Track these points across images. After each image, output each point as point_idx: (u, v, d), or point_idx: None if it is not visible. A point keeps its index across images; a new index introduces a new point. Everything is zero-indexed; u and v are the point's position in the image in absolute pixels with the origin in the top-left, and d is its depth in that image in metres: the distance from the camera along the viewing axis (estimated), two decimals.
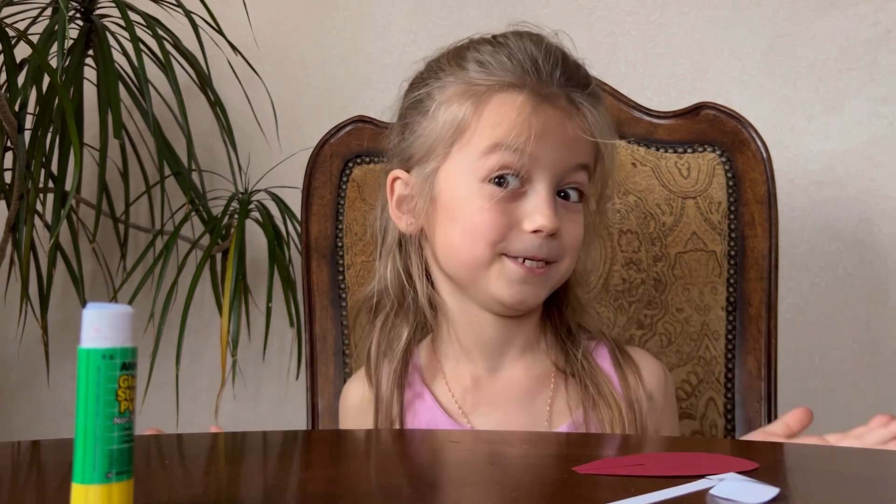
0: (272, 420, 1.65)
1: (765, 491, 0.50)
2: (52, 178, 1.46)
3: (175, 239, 1.47)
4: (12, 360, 1.69)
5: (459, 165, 0.83)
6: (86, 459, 0.43)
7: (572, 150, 0.83)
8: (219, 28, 1.50)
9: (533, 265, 0.82)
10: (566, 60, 0.85)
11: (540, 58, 0.83)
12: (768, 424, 0.78)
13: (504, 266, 0.82)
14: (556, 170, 0.82)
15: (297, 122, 1.63)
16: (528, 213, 0.81)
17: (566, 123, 0.83)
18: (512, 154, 0.80)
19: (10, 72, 1.37)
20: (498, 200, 0.81)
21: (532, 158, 0.80)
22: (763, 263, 1.05)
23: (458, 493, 0.55)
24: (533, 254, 0.81)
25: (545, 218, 0.80)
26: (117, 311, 0.44)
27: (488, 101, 0.82)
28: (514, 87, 0.82)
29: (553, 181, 0.82)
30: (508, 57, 0.83)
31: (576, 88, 0.84)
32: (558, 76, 0.83)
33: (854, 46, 1.43)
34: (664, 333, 1.08)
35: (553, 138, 0.82)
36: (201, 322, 1.65)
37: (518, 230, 0.81)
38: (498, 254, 0.82)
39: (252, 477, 0.59)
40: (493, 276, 0.83)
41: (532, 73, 0.83)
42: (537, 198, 0.81)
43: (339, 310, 1.14)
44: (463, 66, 0.85)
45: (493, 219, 0.81)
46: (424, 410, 0.88)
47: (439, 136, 0.84)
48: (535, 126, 0.80)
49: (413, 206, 0.87)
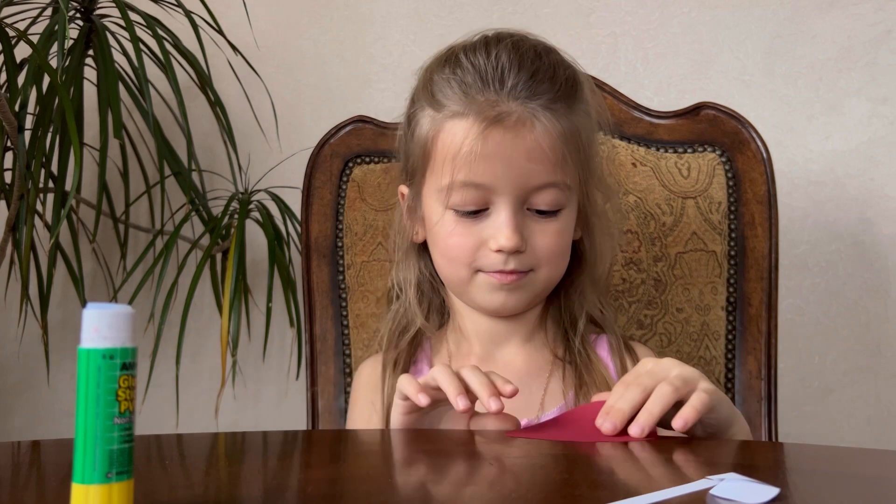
0: (272, 420, 1.65)
1: (765, 491, 0.50)
2: (52, 178, 1.46)
3: (175, 239, 1.47)
4: (12, 360, 1.69)
5: (430, 191, 0.88)
6: (86, 459, 0.43)
7: (530, 171, 0.82)
8: (219, 28, 1.50)
9: (504, 275, 0.86)
10: (522, 66, 0.83)
11: (490, 70, 0.83)
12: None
13: (481, 279, 0.87)
14: (516, 190, 0.83)
15: (297, 122, 1.63)
16: (492, 234, 0.84)
17: (518, 143, 0.81)
18: (466, 189, 0.83)
19: (10, 72, 1.37)
20: (463, 224, 0.85)
21: (486, 186, 0.82)
22: (763, 263, 1.05)
23: (458, 493, 0.55)
24: (500, 269, 0.85)
25: (505, 238, 0.83)
26: (117, 311, 0.44)
27: (440, 132, 0.85)
28: (460, 114, 0.83)
29: (515, 200, 0.83)
30: (459, 82, 0.84)
31: (535, 97, 0.82)
32: (510, 86, 0.82)
33: (854, 46, 1.43)
34: (664, 333, 1.08)
35: (504, 161, 0.82)
36: (201, 322, 1.65)
37: (485, 249, 0.85)
38: (474, 271, 0.87)
39: (252, 477, 0.59)
40: (475, 289, 0.88)
41: (482, 93, 0.82)
42: (499, 219, 0.84)
43: (339, 310, 1.14)
44: (429, 91, 0.87)
45: (461, 242, 0.85)
46: None
47: (416, 159, 0.89)
48: (481, 153, 0.81)
49: (416, 218, 0.93)
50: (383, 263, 1.13)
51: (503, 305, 0.88)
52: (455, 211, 0.85)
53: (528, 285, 0.87)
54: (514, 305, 0.89)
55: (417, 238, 0.94)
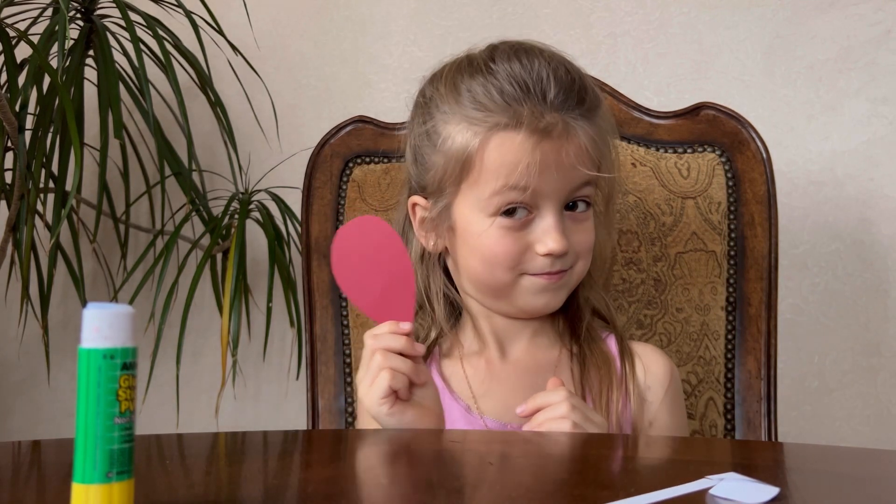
0: (272, 420, 1.65)
1: (765, 491, 0.50)
2: (52, 178, 1.46)
3: (175, 239, 1.47)
4: (12, 360, 1.69)
5: (470, 202, 0.88)
6: (86, 459, 0.43)
7: (573, 174, 0.86)
8: (219, 28, 1.50)
9: (551, 276, 0.88)
10: (558, 77, 0.86)
11: (531, 83, 0.85)
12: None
13: (526, 282, 0.89)
14: (561, 194, 0.86)
15: (297, 122, 1.63)
16: (539, 238, 0.86)
17: (564, 150, 0.85)
18: (516, 193, 0.85)
19: (10, 72, 1.37)
20: (509, 230, 0.86)
21: (537, 191, 0.85)
22: (763, 263, 1.05)
23: (459, 494, 0.55)
24: (548, 271, 0.88)
25: (555, 242, 0.85)
26: (118, 311, 0.44)
27: (488, 142, 0.85)
28: (510, 126, 0.84)
29: (559, 205, 0.87)
30: (500, 91, 0.85)
31: (572, 108, 0.85)
32: (552, 99, 0.85)
33: (854, 46, 1.43)
34: (664, 333, 1.08)
35: (553, 169, 0.85)
36: (201, 322, 1.65)
37: (531, 253, 0.87)
38: (518, 274, 0.88)
39: (252, 477, 0.59)
40: (518, 293, 0.89)
41: (525, 103, 0.84)
42: (545, 223, 0.86)
43: (339, 310, 1.14)
44: (459, 101, 0.87)
45: (507, 248, 0.87)
46: None
47: (448, 172, 0.88)
48: (535, 164, 0.84)
49: (435, 228, 0.92)
50: None
51: (547, 305, 0.90)
52: (501, 218, 0.86)
53: (568, 282, 0.90)
54: (556, 304, 0.91)
55: (436, 248, 0.94)
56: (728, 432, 1.05)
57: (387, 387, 0.77)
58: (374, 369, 0.78)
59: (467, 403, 0.92)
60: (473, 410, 0.91)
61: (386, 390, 0.77)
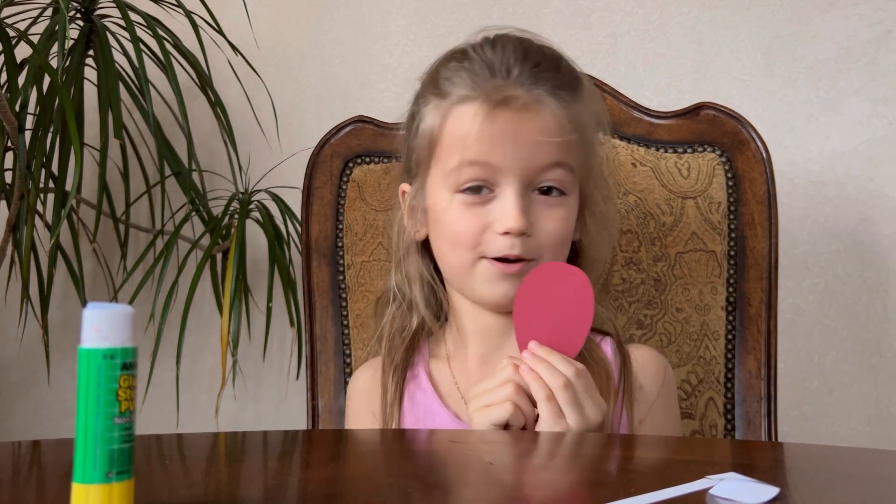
0: (272, 420, 1.65)
1: (765, 491, 0.50)
2: (52, 178, 1.46)
3: (175, 239, 1.47)
4: (12, 360, 1.69)
5: (437, 180, 0.88)
6: (86, 459, 0.43)
7: (537, 150, 0.84)
8: (219, 28, 1.50)
9: (508, 264, 0.85)
10: (529, 56, 0.86)
11: (497, 61, 0.85)
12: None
13: (482, 267, 0.86)
14: (523, 171, 0.84)
15: (297, 122, 1.63)
16: (498, 217, 0.84)
17: (525, 123, 0.83)
18: (476, 168, 0.84)
19: (10, 72, 1.37)
20: (470, 207, 0.85)
21: (494, 165, 0.84)
22: (763, 263, 1.05)
23: (458, 493, 0.55)
24: (506, 254, 0.84)
25: (512, 220, 0.83)
26: (118, 311, 0.44)
27: (448, 117, 0.86)
28: (469, 98, 0.85)
29: (521, 182, 0.84)
30: (468, 69, 0.86)
31: (541, 85, 0.84)
32: (517, 75, 0.84)
33: (854, 46, 1.43)
34: (664, 333, 1.08)
35: (512, 143, 0.83)
36: (201, 322, 1.65)
37: (491, 232, 0.85)
38: (478, 257, 0.86)
39: (252, 477, 0.59)
40: (476, 278, 0.87)
41: (489, 79, 0.85)
42: (506, 201, 0.84)
43: (339, 310, 1.14)
44: (436, 84, 0.88)
45: (467, 225, 0.85)
46: (423, 398, 0.92)
47: (420, 152, 0.89)
48: (489, 133, 0.83)
49: (416, 214, 0.92)
50: (383, 263, 1.13)
51: (504, 296, 0.86)
52: (463, 195, 0.85)
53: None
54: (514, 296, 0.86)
55: (419, 235, 0.93)
56: (728, 432, 1.05)
57: (505, 420, 0.77)
58: (500, 395, 0.78)
59: (455, 410, 0.90)
60: (464, 417, 0.88)
61: (502, 422, 0.77)
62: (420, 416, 0.91)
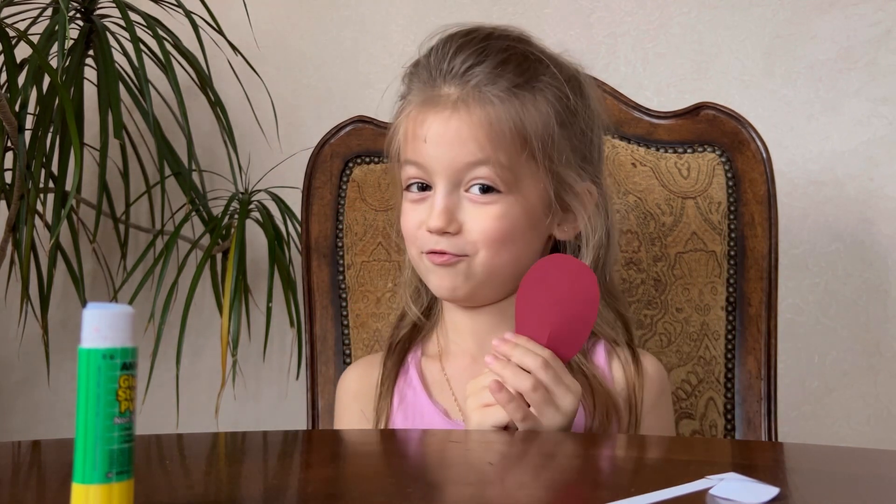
0: (272, 420, 1.65)
1: (765, 491, 0.50)
2: (52, 178, 1.46)
3: (175, 239, 1.47)
4: (12, 360, 1.69)
5: (396, 179, 0.92)
6: (86, 459, 0.43)
7: (460, 149, 0.84)
8: (219, 28, 1.50)
9: (435, 255, 0.87)
10: (464, 50, 0.87)
11: (435, 63, 0.88)
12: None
13: (426, 261, 0.88)
14: (449, 170, 0.85)
15: (297, 122, 1.63)
16: (428, 213, 0.87)
17: (450, 122, 0.85)
18: (413, 168, 0.87)
19: (10, 72, 1.37)
20: (411, 203, 0.89)
21: (423, 165, 0.87)
22: (763, 263, 1.05)
23: (458, 493, 0.55)
24: (431, 248, 0.86)
25: (433, 219, 0.85)
26: (117, 311, 0.44)
27: (399, 118, 0.91)
28: (411, 102, 0.89)
29: (448, 181, 0.86)
30: (415, 74, 0.91)
31: (470, 78, 0.85)
32: (447, 73, 0.87)
33: (854, 46, 1.43)
34: (664, 333, 1.08)
35: (438, 141, 0.85)
36: (201, 322, 1.64)
37: (424, 228, 0.87)
38: (420, 252, 0.88)
39: (252, 477, 0.59)
40: (423, 272, 0.90)
41: (427, 80, 0.88)
42: (434, 199, 0.86)
43: (339, 310, 1.14)
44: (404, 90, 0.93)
45: (409, 221, 0.89)
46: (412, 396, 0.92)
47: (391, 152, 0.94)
48: (420, 134, 0.86)
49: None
50: (383, 263, 1.13)
51: (439, 287, 0.88)
52: (407, 192, 0.89)
53: (461, 270, 0.86)
54: (451, 288, 0.87)
55: None
56: (728, 432, 1.05)
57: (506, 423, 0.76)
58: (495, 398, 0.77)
59: (445, 407, 0.89)
60: (454, 415, 0.88)
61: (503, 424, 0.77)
62: (409, 415, 0.90)
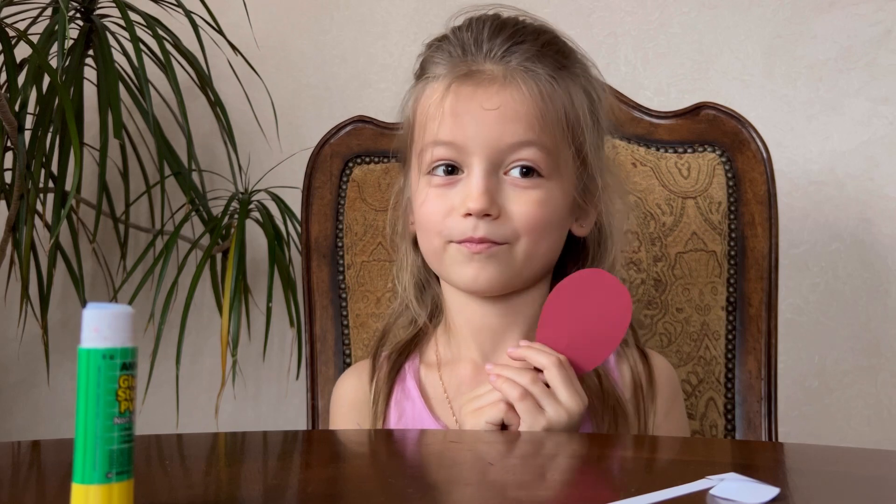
0: (272, 420, 1.65)
1: (765, 491, 0.50)
2: (52, 178, 1.46)
3: (175, 239, 1.47)
4: (12, 360, 1.68)
5: (414, 165, 0.86)
6: (86, 459, 0.43)
7: (505, 127, 0.79)
8: (219, 28, 1.50)
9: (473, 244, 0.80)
10: (504, 30, 0.81)
11: (471, 38, 0.82)
12: None
13: (452, 250, 0.82)
14: (490, 150, 0.79)
15: (297, 122, 1.63)
16: (462, 198, 0.80)
17: (491, 99, 0.79)
18: (442, 148, 0.81)
19: (10, 72, 1.37)
20: (436, 189, 0.82)
21: (458, 145, 0.80)
22: (763, 263, 1.05)
23: (458, 493, 0.55)
24: (468, 236, 0.80)
25: (472, 200, 0.79)
26: (117, 311, 0.44)
27: (419, 98, 0.84)
28: (438, 77, 0.82)
29: (488, 161, 0.80)
30: (444, 49, 0.84)
31: (517, 60, 0.80)
32: (487, 50, 0.81)
33: (854, 46, 1.43)
34: (664, 333, 1.08)
35: (474, 118, 0.79)
36: (201, 322, 1.65)
37: (456, 215, 0.81)
38: (446, 241, 0.82)
39: (252, 477, 0.59)
40: (448, 264, 0.83)
41: (461, 57, 0.82)
42: (470, 182, 0.80)
43: (339, 310, 1.14)
44: (421, 69, 0.87)
45: (433, 208, 0.82)
46: (411, 408, 0.88)
47: (402, 139, 0.88)
48: (451, 110, 0.80)
49: (407, 207, 0.90)
50: (383, 263, 1.13)
51: (475, 279, 0.81)
52: (430, 176, 0.82)
53: (503, 258, 0.81)
54: (487, 280, 0.81)
55: (412, 228, 0.89)
56: (728, 432, 1.05)
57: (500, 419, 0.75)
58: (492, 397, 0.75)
59: (445, 421, 0.85)
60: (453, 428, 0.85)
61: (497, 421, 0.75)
62: (408, 427, 0.87)
